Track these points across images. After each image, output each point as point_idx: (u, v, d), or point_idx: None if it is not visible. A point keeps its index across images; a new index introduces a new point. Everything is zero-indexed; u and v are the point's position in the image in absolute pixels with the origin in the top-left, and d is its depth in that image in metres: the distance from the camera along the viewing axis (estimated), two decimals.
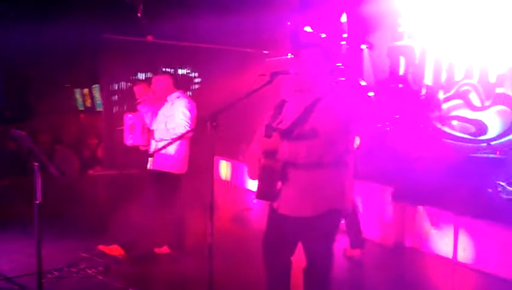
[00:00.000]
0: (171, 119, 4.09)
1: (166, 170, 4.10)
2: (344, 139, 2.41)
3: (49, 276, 3.65)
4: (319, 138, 2.33)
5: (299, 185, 2.41)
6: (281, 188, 2.46)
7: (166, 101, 4.24)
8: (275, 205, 2.51)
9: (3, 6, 7.30)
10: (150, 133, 4.29)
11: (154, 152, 4.03)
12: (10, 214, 5.54)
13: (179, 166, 4.16)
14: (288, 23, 6.78)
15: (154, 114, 4.31)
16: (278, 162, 2.39)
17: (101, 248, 4.04)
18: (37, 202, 2.95)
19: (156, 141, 4.13)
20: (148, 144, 4.32)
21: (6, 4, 7.46)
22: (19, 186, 6.84)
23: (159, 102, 4.29)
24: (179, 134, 3.91)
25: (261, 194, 2.49)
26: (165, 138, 3.99)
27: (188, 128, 3.99)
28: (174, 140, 3.57)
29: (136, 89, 5.34)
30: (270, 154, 2.39)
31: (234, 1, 7.62)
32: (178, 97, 4.22)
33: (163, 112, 4.21)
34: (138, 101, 4.42)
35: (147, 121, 4.28)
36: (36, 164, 2.96)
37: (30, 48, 8.25)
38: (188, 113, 4.09)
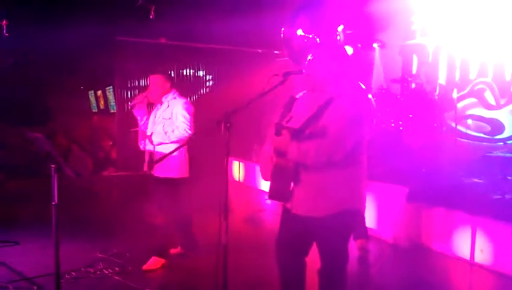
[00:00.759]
0: (169, 122, 3.90)
1: (169, 176, 3.90)
2: (354, 138, 2.36)
3: (67, 276, 3.70)
4: (328, 137, 2.30)
5: (310, 186, 2.39)
6: (293, 188, 2.44)
7: (161, 102, 4.02)
8: (288, 205, 2.49)
9: (12, 8, 7.36)
10: (146, 137, 4.03)
11: (160, 159, 3.92)
12: (26, 215, 5.62)
13: (181, 170, 3.96)
14: (282, 28, 6.74)
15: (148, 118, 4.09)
16: (290, 161, 2.36)
17: (145, 268, 3.93)
18: (54, 203, 2.96)
19: (154, 145, 3.88)
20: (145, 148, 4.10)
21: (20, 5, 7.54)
22: (34, 187, 6.95)
23: (155, 103, 4.08)
24: (178, 137, 3.79)
25: (273, 194, 2.46)
26: (164, 142, 3.84)
27: (189, 132, 3.82)
28: (180, 146, 3.44)
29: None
30: (282, 153, 2.37)
31: (245, 2, 7.64)
32: (174, 98, 4.00)
33: (160, 114, 3.98)
34: (130, 105, 4.29)
35: (141, 123, 4.03)
36: (53, 165, 2.96)
37: (44, 50, 8.37)
38: (187, 115, 3.88)
